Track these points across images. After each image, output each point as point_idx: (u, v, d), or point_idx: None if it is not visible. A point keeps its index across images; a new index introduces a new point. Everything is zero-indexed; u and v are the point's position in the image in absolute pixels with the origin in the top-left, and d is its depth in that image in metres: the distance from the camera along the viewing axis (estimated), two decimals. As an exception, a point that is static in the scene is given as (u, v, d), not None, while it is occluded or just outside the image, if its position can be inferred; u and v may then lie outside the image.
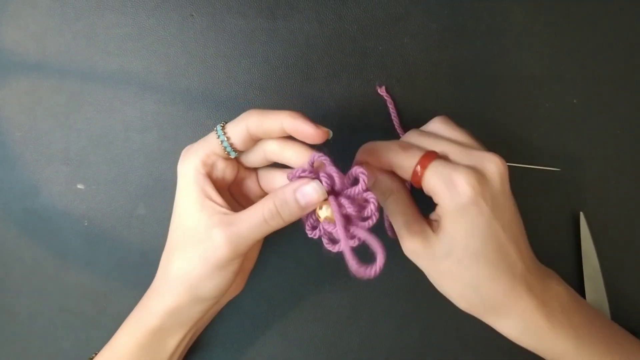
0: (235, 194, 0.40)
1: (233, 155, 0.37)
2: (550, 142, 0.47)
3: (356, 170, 0.34)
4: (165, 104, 0.47)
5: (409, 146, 0.37)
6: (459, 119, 0.46)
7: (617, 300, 0.46)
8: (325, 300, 0.47)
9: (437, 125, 0.39)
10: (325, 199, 0.34)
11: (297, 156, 0.36)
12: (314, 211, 0.35)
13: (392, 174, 0.38)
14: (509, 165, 0.46)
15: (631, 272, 0.47)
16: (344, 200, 0.33)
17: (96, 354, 0.40)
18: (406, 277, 0.47)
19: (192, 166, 0.37)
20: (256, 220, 0.34)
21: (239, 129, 0.36)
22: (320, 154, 0.34)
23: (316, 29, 0.46)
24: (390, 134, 0.46)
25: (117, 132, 0.47)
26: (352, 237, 0.33)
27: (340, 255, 0.47)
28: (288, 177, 0.36)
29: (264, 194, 0.41)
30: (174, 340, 0.39)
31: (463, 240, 0.35)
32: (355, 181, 0.34)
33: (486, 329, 0.47)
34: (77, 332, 0.47)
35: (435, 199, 0.35)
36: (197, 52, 0.46)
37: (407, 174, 0.36)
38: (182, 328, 0.39)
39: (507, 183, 0.36)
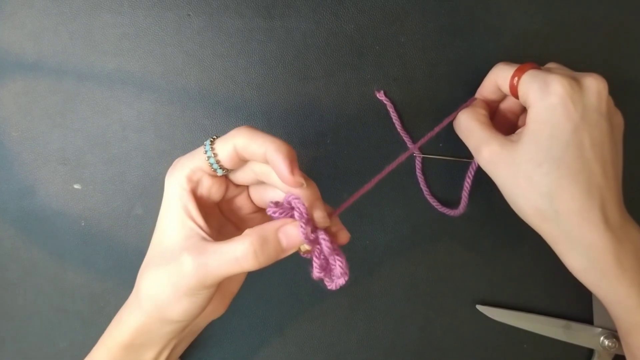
0: (226, 211, 0.39)
1: (220, 173, 0.35)
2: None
3: (319, 234, 0.33)
4: (163, 103, 0.47)
5: (510, 64, 0.39)
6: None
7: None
8: (323, 301, 0.47)
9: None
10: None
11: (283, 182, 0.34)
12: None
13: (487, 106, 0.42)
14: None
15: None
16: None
17: None
18: (404, 278, 0.47)
19: (177, 181, 0.35)
20: (227, 257, 0.32)
21: (227, 147, 0.34)
22: (295, 196, 0.33)
23: (313, 28, 0.46)
24: (388, 134, 0.46)
25: (114, 132, 0.47)
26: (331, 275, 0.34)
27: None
28: (267, 211, 0.34)
29: (256, 209, 0.39)
30: (149, 356, 0.37)
31: (546, 141, 0.34)
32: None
33: (485, 329, 0.47)
34: (74, 332, 0.47)
35: (527, 103, 0.36)
36: (194, 51, 0.46)
37: (506, 85, 0.38)
38: (155, 345, 0.37)
39: (606, 103, 0.35)
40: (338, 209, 0.36)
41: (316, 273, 0.34)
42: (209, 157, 0.34)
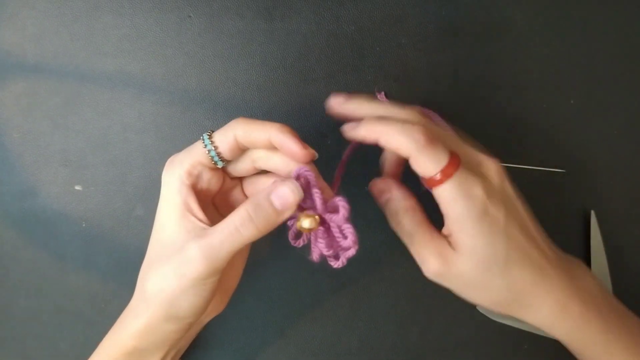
0: (219, 205, 0.39)
1: (220, 164, 0.36)
2: (549, 142, 0.47)
3: (338, 201, 0.33)
4: (163, 105, 0.47)
5: (435, 141, 0.33)
6: (456, 120, 0.46)
7: (624, 300, 0.46)
8: (324, 301, 0.47)
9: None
10: (305, 212, 0.34)
11: (285, 164, 0.36)
12: (294, 223, 0.35)
13: (404, 188, 0.37)
14: (514, 167, 0.46)
15: (638, 271, 0.47)
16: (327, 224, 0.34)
17: None
18: (405, 277, 0.47)
19: (176, 176, 0.35)
20: (227, 230, 0.32)
21: (226, 138, 0.35)
22: (306, 168, 0.34)
23: (314, 29, 0.46)
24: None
25: (115, 133, 0.47)
26: (336, 257, 0.34)
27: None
28: (293, 174, 0.35)
29: None
30: None
31: (487, 251, 0.34)
32: (336, 208, 0.34)
33: (486, 329, 0.47)
34: (75, 333, 0.47)
35: (445, 210, 0.34)
36: (195, 53, 0.46)
37: (423, 174, 0.33)
38: (159, 349, 0.37)
39: (507, 181, 0.36)
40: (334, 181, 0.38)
41: (323, 251, 0.34)
42: (209, 150, 0.35)
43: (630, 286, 0.47)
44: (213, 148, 0.35)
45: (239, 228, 0.32)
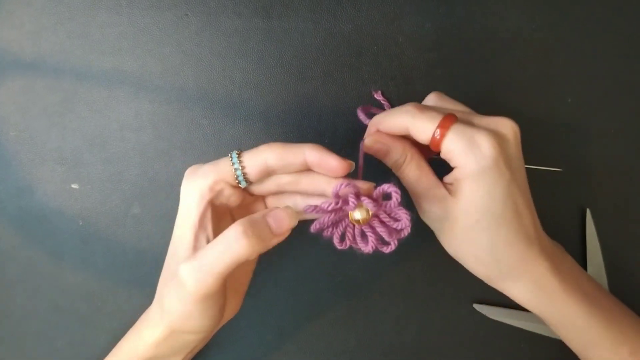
0: (238, 218, 0.38)
1: (244, 185, 0.36)
2: (546, 141, 0.47)
3: (388, 187, 0.34)
4: (160, 103, 0.47)
5: (426, 108, 0.35)
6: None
7: (619, 298, 0.46)
8: (322, 300, 0.47)
9: (434, 98, 0.39)
10: (359, 202, 0.34)
11: (315, 184, 0.36)
12: (343, 221, 0.35)
13: (405, 140, 0.37)
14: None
15: (634, 269, 0.47)
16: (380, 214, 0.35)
17: None
18: (402, 276, 0.47)
19: (197, 189, 0.35)
20: (218, 249, 0.31)
21: (257, 161, 0.35)
22: (346, 182, 0.34)
23: (311, 28, 0.46)
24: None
25: (112, 131, 0.47)
26: (383, 242, 0.35)
27: (336, 255, 0.47)
28: (307, 211, 0.34)
29: None
30: None
31: (484, 202, 0.34)
32: (387, 196, 0.34)
33: (483, 329, 0.47)
34: (71, 332, 0.47)
35: (454, 162, 0.35)
36: (192, 51, 0.46)
37: (425, 136, 0.35)
38: (177, 355, 0.38)
39: (520, 146, 0.36)
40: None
41: (385, 237, 0.35)
42: (236, 170, 0.35)
43: (626, 283, 0.47)
44: (241, 168, 0.35)
45: (232, 245, 0.30)
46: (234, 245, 0.30)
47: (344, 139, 0.47)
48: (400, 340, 0.47)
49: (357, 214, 0.34)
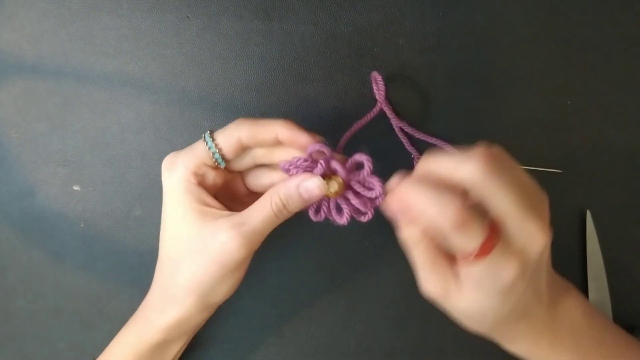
0: (219, 196, 0.40)
1: (223, 165, 0.37)
2: (546, 142, 0.47)
3: (360, 157, 0.35)
4: (161, 105, 0.47)
5: (468, 221, 0.29)
6: (453, 120, 0.47)
7: (620, 299, 0.46)
8: (321, 301, 0.47)
9: (484, 169, 0.30)
10: (332, 176, 0.36)
11: (288, 156, 0.37)
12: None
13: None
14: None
15: (634, 271, 0.47)
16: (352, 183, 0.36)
17: None
18: (402, 279, 0.47)
19: (182, 177, 0.36)
20: (267, 215, 0.35)
21: (230, 139, 0.36)
22: (320, 145, 0.36)
23: (312, 30, 0.47)
24: (387, 135, 0.46)
25: (113, 133, 0.47)
26: (360, 212, 0.36)
27: (336, 257, 0.47)
28: (282, 167, 0.36)
29: (250, 193, 0.41)
30: (175, 349, 0.39)
31: (490, 309, 0.33)
32: (359, 166, 0.36)
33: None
34: (73, 333, 0.47)
35: (471, 277, 0.32)
36: (193, 53, 0.47)
37: (456, 249, 0.31)
38: (185, 336, 0.39)
39: (547, 252, 0.33)
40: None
41: (360, 207, 0.36)
42: (213, 153, 0.36)
43: (626, 285, 0.47)
44: (216, 150, 0.36)
45: (277, 214, 0.35)
46: (277, 214, 0.35)
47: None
48: (400, 342, 0.47)
49: (330, 187, 0.35)
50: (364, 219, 0.36)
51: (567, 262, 0.47)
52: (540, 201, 0.32)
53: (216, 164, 0.37)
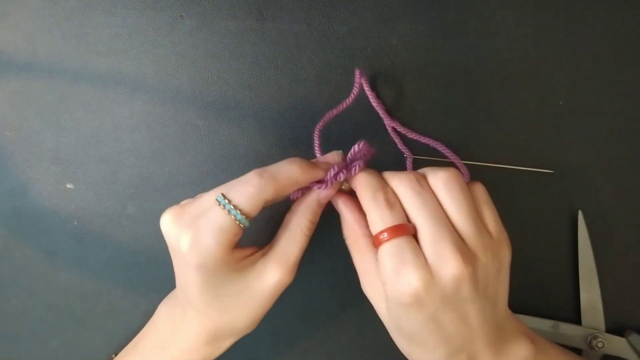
0: None
1: (247, 225, 0.34)
2: (538, 143, 0.47)
3: (360, 145, 0.39)
4: (155, 104, 0.47)
5: (389, 205, 0.34)
6: (446, 121, 0.47)
7: (611, 300, 0.46)
8: (314, 299, 0.48)
9: (442, 179, 0.34)
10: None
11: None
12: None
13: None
14: (502, 168, 0.46)
15: (626, 272, 0.47)
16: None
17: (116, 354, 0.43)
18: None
19: (214, 256, 0.34)
20: (302, 242, 0.37)
21: (256, 203, 0.34)
22: (338, 166, 0.38)
23: (305, 30, 0.47)
24: (379, 135, 0.47)
25: (107, 131, 0.47)
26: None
27: (330, 256, 0.47)
28: (293, 198, 0.39)
29: None
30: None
31: (395, 321, 0.35)
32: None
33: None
34: (66, 331, 0.47)
35: (380, 272, 0.34)
36: (187, 52, 0.47)
37: (370, 226, 0.35)
38: None
39: (467, 286, 0.32)
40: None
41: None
42: (240, 220, 0.34)
43: (618, 286, 0.47)
44: (242, 217, 0.34)
45: (307, 234, 0.37)
46: (307, 233, 0.38)
47: (338, 140, 0.47)
48: (393, 342, 0.48)
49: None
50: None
51: (559, 262, 0.47)
52: (473, 233, 0.33)
53: (241, 227, 0.34)
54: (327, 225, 0.39)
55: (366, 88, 0.44)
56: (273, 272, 0.36)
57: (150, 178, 0.47)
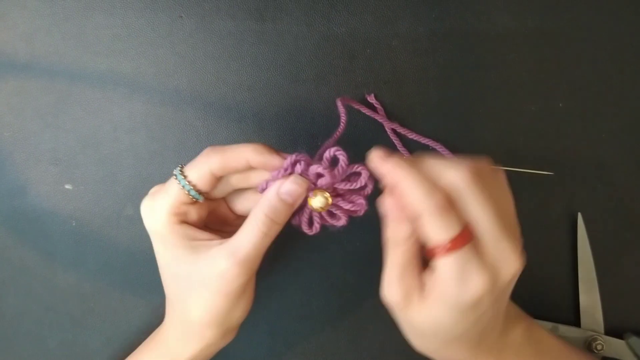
0: (209, 223, 0.40)
1: (201, 199, 0.36)
2: (538, 145, 0.47)
3: (332, 152, 0.34)
4: (154, 104, 0.47)
5: (448, 209, 0.30)
6: (446, 122, 0.47)
7: (610, 302, 0.46)
8: (312, 301, 0.47)
9: (470, 180, 0.31)
10: (316, 190, 0.35)
11: (264, 176, 0.36)
12: (306, 207, 0.36)
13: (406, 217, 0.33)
14: (502, 169, 0.46)
15: (625, 274, 0.47)
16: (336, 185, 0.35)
17: None
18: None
19: (163, 221, 0.36)
20: (257, 236, 0.34)
21: (202, 173, 0.35)
22: (299, 155, 0.35)
23: (305, 31, 0.47)
24: (379, 137, 0.46)
25: (106, 132, 0.47)
26: (354, 211, 0.35)
27: (327, 257, 0.47)
28: (260, 188, 0.36)
29: (237, 216, 0.41)
30: None
31: (447, 326, 0.32)
32: (334, 161, 0.34)
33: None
34: (64, 332, 0.47)
35: (440, 283, 0.31)
36: (186, 53, 0.47)
37: (431, 239, 0.31)
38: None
39: (515, 279, 0.33)
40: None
41: (354, 208, 0.35)
42: (188, 190, 0.35)
43: (617, 288, 0.47)
44: (191, 187, 0.35)
45: (266, 232, 0.34)
46: (268, 232, 0.34)
47: (337, 141, 0.47)
48: (391, 342, 0.47)
49: (317, 202, 0.35)
50: (360, 213, 0.35)
51: (558, 264, 0.47)
52: (516, 229, 0.33)
53: (193, 200, 0.36)
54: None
55: (356, 106, 0.44)
56: (221, 260, 0.34)
57: (149, 179, 0.47)
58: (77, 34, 0.46)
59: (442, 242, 0.30)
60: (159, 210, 0.36)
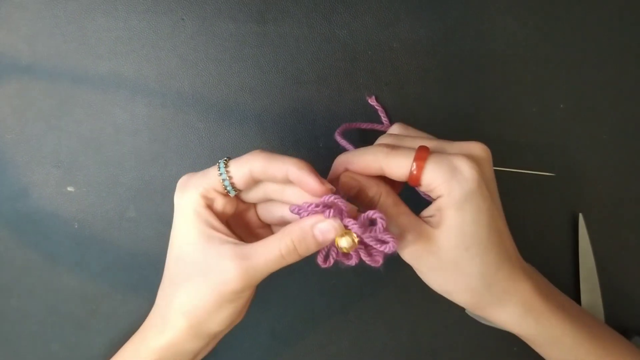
0: (232, 225, 0.40)
1: (232, 194, 0.37)
2: (539, 146, 0.47)
3: (373, 214, 0.34)
4: (156, 107, 0.47)
5: (397, 146, 0.36)
6: (447, 123, 0.47)
7: (611, 302, 0.46)
8: (315, 303, 0.48)
9: (398, 129, 0.40)
10: (346, 231, 0.34)
11: (299, 197, 0.36)
12: (330, 243, 0.35)
13: (376, 178, 0.37)
14: (504, 171, 0.46)
15: (626, 274, 0.47)
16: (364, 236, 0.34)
17: None
18: (395, 280, 0.47)
19: (192, 200, 0.36)
20: (273, 256, 0.34)
21: (242, 170, 0.36)
22: (335, 196, 0.34)
23: (306, 33, 0.47)
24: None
25: (108, 134, 0.47)
26: (369, 261, 0.35)
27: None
28: (292, 210, 0.35)
29: (263, 225, 0.41)
30: None
31: (472, 229, 0.34)
32: (372, 222, 0.34)
33: (475, 332, 0.48)
34: (66, 334, 0.47)
35: (438, 191, 0.34)
36: (188, 55, 0.47)
37: (402, 173, 0.35)
38: None
39: (489, 167, 0.37)
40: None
41: (368, 262, 0.35)
42: (223, 180, 0.36)
43: (618, 288, 0.47)
44: (228, 178, 0.36)
45: (285, 256, 0.34)
46: (287, 257, 0.34)
47: (338, 143, 0.47)
48: (393, 344, 0.48)
49: (344, 242, 0.34)
50: (374, 266, 0.35)
51: (560, 264, 0.47)
52: None
53: (226, 191, 0.36)
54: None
55: (355, 127, 0.46)
56: (228, 258, 0.34)
57: (151, 181, 0.47)
58: (79, 37, 0.46)
59: (411, 166, 0.34)
60: (192, 187, 0.36)
